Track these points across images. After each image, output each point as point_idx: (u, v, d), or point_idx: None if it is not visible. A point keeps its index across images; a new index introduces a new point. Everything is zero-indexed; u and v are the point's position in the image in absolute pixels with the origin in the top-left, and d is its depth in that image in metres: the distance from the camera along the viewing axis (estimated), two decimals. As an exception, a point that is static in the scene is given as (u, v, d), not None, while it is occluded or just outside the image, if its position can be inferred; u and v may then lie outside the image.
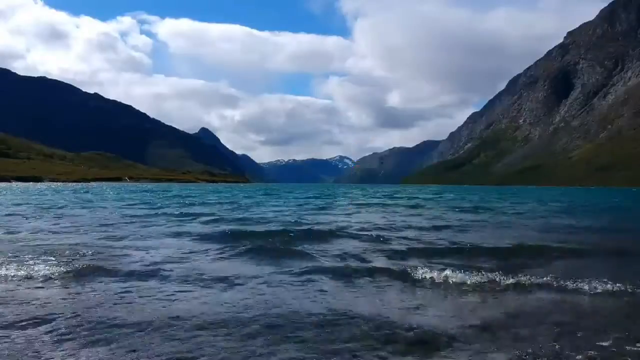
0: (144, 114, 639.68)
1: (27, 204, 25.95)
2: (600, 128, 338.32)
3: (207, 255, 9.08)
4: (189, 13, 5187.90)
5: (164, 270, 7.44)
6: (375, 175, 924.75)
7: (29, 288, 6.24)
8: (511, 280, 6.80)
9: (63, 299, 5.75)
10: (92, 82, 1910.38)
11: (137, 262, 8.17)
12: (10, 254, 8.47)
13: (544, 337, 4.56)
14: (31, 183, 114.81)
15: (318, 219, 17.44)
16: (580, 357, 4.05)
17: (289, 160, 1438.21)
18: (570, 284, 6.58)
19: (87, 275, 6.99)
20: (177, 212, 19.78)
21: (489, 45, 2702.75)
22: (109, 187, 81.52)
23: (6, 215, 17.80)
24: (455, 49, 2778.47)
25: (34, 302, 5.52)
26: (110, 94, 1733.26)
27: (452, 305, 5.81)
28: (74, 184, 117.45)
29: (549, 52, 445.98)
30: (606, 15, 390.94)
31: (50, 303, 5.51)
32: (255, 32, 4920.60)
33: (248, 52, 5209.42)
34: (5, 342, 4.23)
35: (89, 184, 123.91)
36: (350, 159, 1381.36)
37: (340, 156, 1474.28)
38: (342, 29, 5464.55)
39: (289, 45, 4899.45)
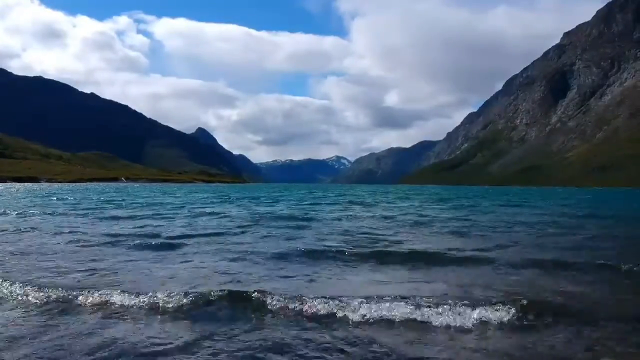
0: (141, 113, 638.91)
1: None
2: (597, 129, 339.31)
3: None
4: (186, 12, 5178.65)
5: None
6: (372, 175, 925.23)
7: None
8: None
9: None
10: (88, 81, 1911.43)
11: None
12: None
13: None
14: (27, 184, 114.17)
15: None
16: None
17: (286, 160, 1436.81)
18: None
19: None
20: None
21: (487, 45, 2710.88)
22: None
23: None
24: (454, 49, 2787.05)
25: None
26: (107, 93, 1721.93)
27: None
28: (71, 184, 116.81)
29: (546, 53, 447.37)
30: (603, 16, 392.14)
31: None
32: (252, 31, 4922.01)
33: (245, 52, 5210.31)
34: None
35: (86, 184, 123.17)
36: (348, 159, 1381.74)
37: (338, 156, 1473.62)
38: (340, 29, 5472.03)
39: (286, 45, 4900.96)
